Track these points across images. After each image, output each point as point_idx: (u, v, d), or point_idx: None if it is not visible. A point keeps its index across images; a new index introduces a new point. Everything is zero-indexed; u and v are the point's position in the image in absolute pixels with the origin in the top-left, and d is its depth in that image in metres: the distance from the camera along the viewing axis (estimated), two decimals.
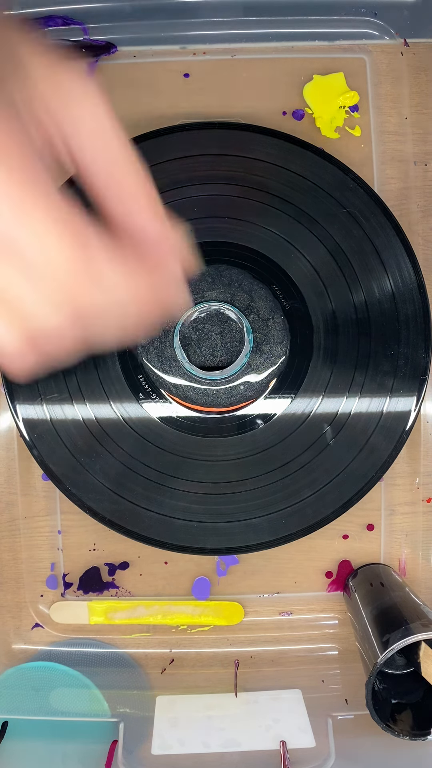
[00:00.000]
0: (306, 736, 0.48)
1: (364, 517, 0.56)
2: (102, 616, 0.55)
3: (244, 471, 0.53)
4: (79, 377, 0.52)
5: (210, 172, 0.54)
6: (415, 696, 0.46)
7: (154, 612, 0.55)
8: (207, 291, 0.52)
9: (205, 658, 0.55)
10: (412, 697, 0.46)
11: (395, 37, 0.57)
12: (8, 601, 0.55)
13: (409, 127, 0.57)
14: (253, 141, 0.54)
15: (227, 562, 0.55)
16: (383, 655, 0.42)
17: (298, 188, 0.53)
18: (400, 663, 0.47)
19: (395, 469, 0.56)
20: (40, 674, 0.53)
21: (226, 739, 0.49)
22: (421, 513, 0.56)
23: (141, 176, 0.27)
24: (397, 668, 0.47)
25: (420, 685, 0.46)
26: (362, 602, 0.49)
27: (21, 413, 0.52)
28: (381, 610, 0.46)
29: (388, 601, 0.47)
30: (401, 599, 0.47)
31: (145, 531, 0.53)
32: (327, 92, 0.57)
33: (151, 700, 0.52)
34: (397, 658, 0.47)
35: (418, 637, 0.42)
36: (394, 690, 0.46)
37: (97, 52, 0.57)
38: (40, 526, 0.55)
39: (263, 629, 0.55)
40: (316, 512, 0.53)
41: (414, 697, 0.46)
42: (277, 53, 0.57)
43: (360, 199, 0.53)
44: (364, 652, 0.46)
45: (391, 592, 0.49)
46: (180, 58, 0.57)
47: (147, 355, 0.52)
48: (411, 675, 0.47)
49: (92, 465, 0.52)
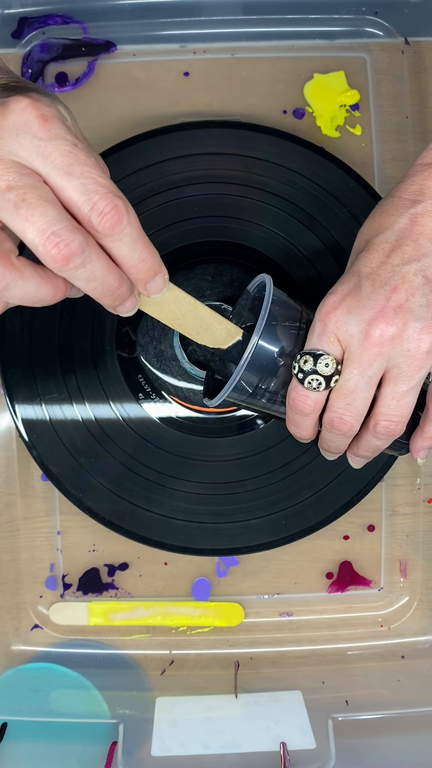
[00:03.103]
0: (306, 737, 0.48)
1: (364, 518, 0.55)
2: (101, 617, 0.55)
3: (244, 471, 0.53)
4: (79, 377, 0.52)
5: (210, 171, 0.53)
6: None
7: (154, 613, 0.55)
8: (207, 290, 0.52)
9: (205, 660, 0.55)
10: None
11: (396, 35, 0.57)
12: (7, 602, 0.55)
13: (410, 126, 0.57)
14: (254, 140, 0.54)
15: (227, 563, 0.55)
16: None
17: (299, 187, 0.53)
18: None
19: (396, 470, 0.55)
20: (39, 675, 0.53)
21: (226, 740, 0.48)
22: (422, 514, 0.56)
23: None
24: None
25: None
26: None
27: (20, 413, 0.52)
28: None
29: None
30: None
31: (145, 532, 0.52)
32: (328, 91, 0.56)
33: (150, 701, 0.52)
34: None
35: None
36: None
37: (97, 50, 0.56)
38: (40, 527, 0.55)
39: (263, 630, 0.55)
40: (316, 513, 0.53)
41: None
42: (278, 52, 0.57)
43: (361, 198, 0.53)
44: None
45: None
46: (180, 56, 0.57)
47: (146, 355, 0.52)
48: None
49: (92, 465, 0.52)
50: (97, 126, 0.56)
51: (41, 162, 0.33)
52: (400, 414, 0.39)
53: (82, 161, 0.33)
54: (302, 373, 0.38)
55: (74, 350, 0.52)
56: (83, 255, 0.33)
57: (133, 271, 0.35)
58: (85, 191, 0.33)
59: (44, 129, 0.33)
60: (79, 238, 0.33)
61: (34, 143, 0.33)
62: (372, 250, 0.38)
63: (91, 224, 0.33)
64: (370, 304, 0.37)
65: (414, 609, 0.55)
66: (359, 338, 0.37)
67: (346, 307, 0.37)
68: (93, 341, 0.52)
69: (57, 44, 0.56)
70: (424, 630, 0.55)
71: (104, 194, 0.33)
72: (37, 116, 0.33)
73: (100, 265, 0.34)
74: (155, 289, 0.37)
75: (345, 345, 0.38)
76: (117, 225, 0.33)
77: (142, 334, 0.52)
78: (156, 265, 0.36)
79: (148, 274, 0.36)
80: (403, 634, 0.55)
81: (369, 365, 0.37)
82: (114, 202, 0.33)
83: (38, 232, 0.32)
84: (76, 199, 0.33)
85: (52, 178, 0.33)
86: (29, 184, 0.32)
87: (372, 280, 0.37)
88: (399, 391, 0.38)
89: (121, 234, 0.34)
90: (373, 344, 0.37)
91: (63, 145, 0.33)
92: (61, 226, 0.32)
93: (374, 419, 0.39)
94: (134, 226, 0.34)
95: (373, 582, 0.56)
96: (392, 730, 0.50)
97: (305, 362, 0.38)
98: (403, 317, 0.36)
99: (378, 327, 0.36)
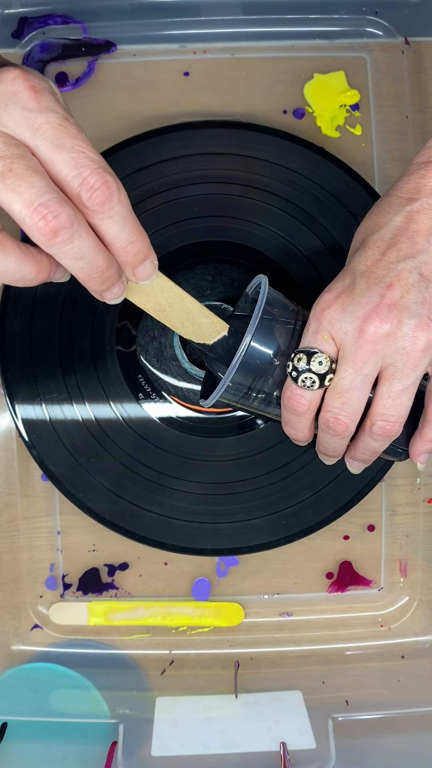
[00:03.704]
0: (306, 737, 0.48)
1: (364, 518, 0.55)
2: (101, 617, 0.55)
3: (244, 471, 0.53)
4: (79, 377, 0.52)
5: (210, 171, 0.53)
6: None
7: (154, 613, 0.55)
8: (207, 290, 0.52)
9: (205, 660, 0.55)
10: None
11: (396, 35, 0.57)
12: (7, 602, 0.55)
13: (410, 126, 0.57)
14: (254, 140, 0.54)
15: (227, 562, 0.55)
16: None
17: (299, 187, 0.53)
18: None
19: (396, 470, 0.55)
20: (39, 675, 0.53)
21: (226, 740, 0.48)
22: (422, 514, 0.56)
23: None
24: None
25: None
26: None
27: (20, 413, 0.52)
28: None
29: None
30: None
31: (145, 531, 0.52)
32: (328, 91, 0.56)
33: (150, 701, 0.52)
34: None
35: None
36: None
37: (97, 50, 0.56)
38: (40, 527, 0.55)
39: (263, 630, 0.55)
40: (316, 513, 0.53)
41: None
42: (278, 52, 0.57)
43: (361, 198, 0.53)
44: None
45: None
46: (180, 56, 0.57)
47: (146, 355, 0.52)
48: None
49: (92, 465, 0.52)
50: (97, 126, 0.56)
51: (30, 134, 0.32)
52: (396, 413, 0.38)
53: (73, 135, 0.32)
54: (296, 372, 0.38)
55: (74, 350, 0.52)
56: (71, 229, 0.32)
57: (122, 253, 0.34)
58: (75, 165, 0.32)
59: (35, 100, 0.32)
60: (68, 210, 0.31)
61: (23, 114, 0.32)
62: (367, 248, 0.38)
63: (81, 200, 0.32)
64: (364, 302, 0.36)
65: (414, 609, 0.55)
66: (353, 336, 0.37)
67: (341, 304, 0.37)
68: (93, 341, 0.52)
69: (57, 44, 0.56)
70: (424, 630, 0.55)
71: (95, 169, 0.32)
72: (27, 87, 0.32)
73: (88, 243, 0.33)
74: (144, 274, 0.36)
75: (339, 343, 0.37)
76: (107, 202, 0.32)
77: (142, 333, 0.52)
78: (146, 249, 0.35)
79: (138, 257, 0.35)
80: (403, 634, 0.55)
81: (364, 363, 0.37)
82: (104, 178, 0.32)
83: (25, 203, 0.31)
84: (66, 173, 0.32)
85: (41, 151, 0.32)
86: (17, 155, 0.31)
87: (367, 278, 0.37)
88: (395, 390, 0.37)
89: (111, 212, 0.33)
90: (367, 342, 0.36)
91: (54, 118, 0.32)
92: (49, 197, 0.31)
93: (370, 419, 0.39)
94: (124, 205, 0.33)
95: (373, 582, 0.55)
96: (392, 730, 0.50)
97: (299, 360, 0.38)
98: (398, 314, 0.36)
99: (372, 324, 0.36)
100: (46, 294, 0.52)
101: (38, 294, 0.52)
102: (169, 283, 0.39)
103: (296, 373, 0.38)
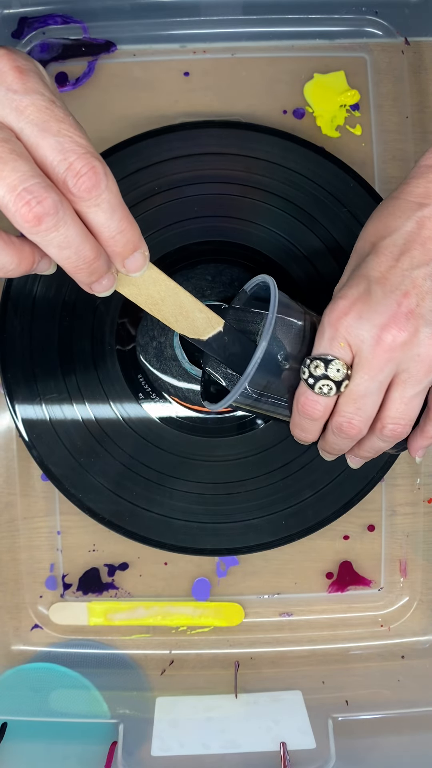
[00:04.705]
0: (306, 737, 0.48)
1: (364, 518, 0.55)
2: (101, 617, 0.55)
3: (244, 471, 0.53)
4: (79, 377, 0.52)
5: (210, 171, 0.53)
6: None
7: (154, 613, 0.55)
8: (207, 290, 0.52)
9: (205, 660, 0.55)
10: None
11: (396, 35, 0.57)
12: (7, 602, 0.55)
13: (410, 126, 0.57)
14: (254, 140, 0.54)
15: (227, 562, 0.55)
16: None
17: (299, 187, 0.53)
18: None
19: (396, 470, 0.55)
20: (39, 675, 0.53)
21: (226, 740, 0.48)
22: (422, 514, 0.56)
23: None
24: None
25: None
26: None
27: (20, 413, 0.52)
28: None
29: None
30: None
31: (145, 531, 0.52)
32: (328, 91, 0.56)
33: (150, 701, 0.52)
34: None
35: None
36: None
37: (97, 50, 0.56)
38: (40, 527, 0.55)
39: (263, 630, 0.55)
40: (316, 513, 0.53)
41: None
42: (278, 52, 0.57)
43: (361, 198, 0.53)
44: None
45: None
46: (180, 56, 0.57)
47: (146, 354, 0.52)
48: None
49: (92, 465, 0.52)
50: (97, 126, 0.56)
51: (15, 116, 0.31)
52: (407, 417, 0.39)
53: (60, 118, 0.31)
54: (313, 378, 0.38)
55: (74, 350, 0.52)
56: (57, 216, 0.30)
57: (111, 243, 0.33)
58: (61, 150, 0.31)
59: (20, 81, 0.31)
60: (52, 196, 0.30)
61: (8, 96, 0.31)
62: (380, 253, 0.38)
63: (67, 186, 0.31)
64: (381, 309, 0.36)
65: (414, 609, 0.55)
66: (371, 343, 0.37)
67: (357, 312, 0.37)
68: (93, 341, 0.52)
69: (57, 44, 0.56)
70: (424, 630, 0.55)
71: (81, 154, 0.31)
72: (12, 68, 0.31)
73: (75, 231, 0.31)
74: (134, 266, 0.35)
75: (356, 350, 0.37)
76: (94, 188, 0.31)
77: (141, 333, 0.52)
78: (136, 239, 0.34)
79: (127, 248, 0.34)
80: (403, 634, 0.55)
81: (380, 370, 0.37)
82: (91, 163, 0.31)
83: (8, 188, 0.30)
84: (52, 158, 0.31)
85: (26, 135, 0.31)
86: (1, 138, 0.30)
87: (382, 285, 0.37)
88: (407, 395, 0.38)
89: (99, 199, 0.31)
90: (384, 350, 0.36)
91: (39, 100, 0.31)
92: (33, 182, 0.30)
93: (381, 422, 0.39)
94: (113, 192, 0.32)
95: (373, 582, 0.55)
96: (392, 730, 0.50)
97: (316, 367, 0.38)
98: (415, 322, 0.36)
99: (390, 332, 0.36)
100: (47, 294, 0.52)
101: (38, 294, 0.52)
102: (161, 276, 0.38)
103: (313, 380, 0.38)
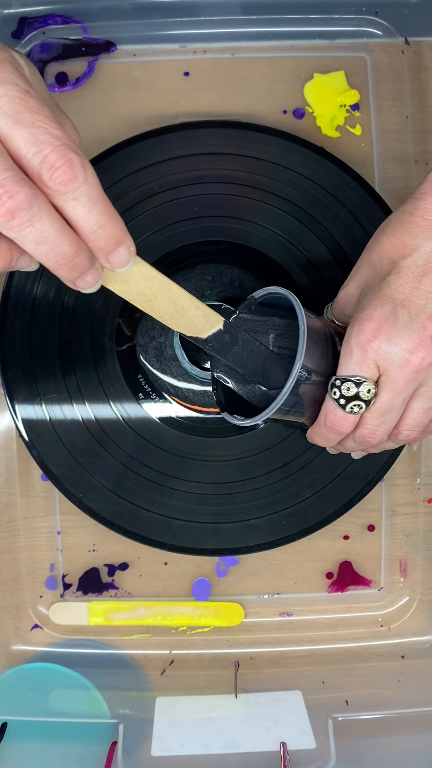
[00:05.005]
0: (306, 737, 0.48)
1: (364, 518, 0.55)
2: (101, 617, 0.55)
3: (244, 471, 0.53)
4: (79, 377, 0.52)
5: (210, 171, 0.53)
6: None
7: (154, 613, 0.55)
8: (207, 290, 0.52)
9: (205, 660, 0.55)
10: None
11: (396, 35, 0.57)
12: (7, 602, 0.55)
13: (410, 126, 0.57)
14: (254, 140, 0.54)
15: (227, 562, 0.55)
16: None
17: (299, 187, 0.53)
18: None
19: (396, 470, 0.55)
20: (39, 675, 0.53)
21: (226, 740, 0.48)
22: (422, 513, 0.56)
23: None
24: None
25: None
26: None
27: (20, 413, 0.52)
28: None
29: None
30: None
31: (145, 531, 0.52)
32: (328, 91, 0.56)
33: (150, 701, 0.52)
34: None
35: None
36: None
37: (97, 50, 0.56)
38: (40, 527, 0.55)
39: (263, 630, 0.55)
40: (316, 513, 0.53)
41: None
42: (278, 52, 0.57)
43: (361, 198, 0.53)
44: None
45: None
46: (180, 56, 0.57)
47: (146, 355, 0.52)
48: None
49: (92, 465, 0.52)
50: (97, 126, 0.56)
51: None
52: (422, 425, 0.41)
53: (34, 109, 0.30)
54: (344, 399, 0.40)
55: (74, 350, 0.52)
56: (30, 210, 0.29)
57: (92, 237, 0.32)
58: (35, 142, 0.30)
59: None
60: (25, 189, 0.29)
61: None
62: (402, 274, 0.39)
63: (42, 180, 0.30)
64: (408, 333, 0.38)
65: (414, 609, 0.55)
66: (399, 365, 0.38)
67: (386, 335, 0.38)
68: (93, 341, 0.52)
69: (57, 44, 0.56)
70: (424, 630, 0.55)
71: (56, 146, 0.30)
72: None
73: (51, 226, 0.30)
74: (119, 261, 0.33)
75: (383, 370, 0.39)
76: (71, 181, 0.30)
77: (141, 333, 0.52)
78: (119, 233, 0.33)
79: (110, 242, 0.32)
80: (403, 634, 0.55)
81: (405, 389, 0.39)
82: (67, 155, 0.30)
83: None
84: (25, 151, 0.30)
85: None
86: None
87: (407, 308, 0.38)
88: (426, 407, 0.40)
89: (77, 192, 0.30)
90: (412, 370, 0.38)
91: (13, 91, 0.30)
92: (5, 176, 0.29)
93: (398, 428, 0.41)
94: (92, 185, 0.31)
95: (373, 582, 0.55)
96: (392, 730, 0.50)
97: (348, 389, 0.39)
98: None
99: (418, 355, 0.38)
100: (47, 294, 0.52)
101: (38, 294, 0.52)
102: (152, 272, 0.36)
103: (344, 401, 0.40)
